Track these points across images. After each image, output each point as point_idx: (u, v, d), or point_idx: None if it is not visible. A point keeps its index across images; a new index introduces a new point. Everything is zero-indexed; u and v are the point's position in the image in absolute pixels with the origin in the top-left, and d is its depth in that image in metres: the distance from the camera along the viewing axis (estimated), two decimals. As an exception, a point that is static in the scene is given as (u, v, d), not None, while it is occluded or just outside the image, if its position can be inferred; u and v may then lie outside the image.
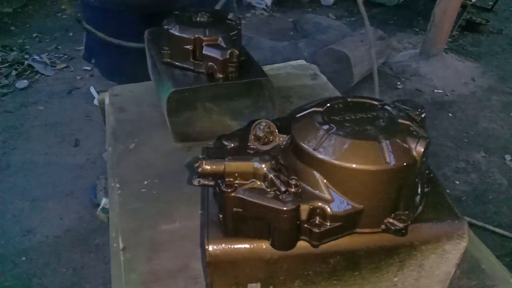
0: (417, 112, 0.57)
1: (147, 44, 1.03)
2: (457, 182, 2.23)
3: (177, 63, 0.90)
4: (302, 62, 1.30)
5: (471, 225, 1.53)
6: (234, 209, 0.49)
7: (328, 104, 0.56)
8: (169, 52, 0.90)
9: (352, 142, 0.48)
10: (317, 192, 0.49)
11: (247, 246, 0.51)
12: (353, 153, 0.48)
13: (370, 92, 2.95)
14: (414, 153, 0.49)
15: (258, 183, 0.49)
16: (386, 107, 0.56)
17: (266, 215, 0.48)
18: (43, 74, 2.99)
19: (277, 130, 0.55)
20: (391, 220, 0.50)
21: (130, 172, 0.85)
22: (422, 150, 0.48)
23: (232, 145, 0.54)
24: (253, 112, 0.90)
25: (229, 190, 0.48)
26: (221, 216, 0.51)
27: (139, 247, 0.70)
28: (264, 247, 0.51)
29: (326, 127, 0.51)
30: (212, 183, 0.51)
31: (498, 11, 4.53)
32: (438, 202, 0.56)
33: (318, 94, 1.12)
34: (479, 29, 4.02)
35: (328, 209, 0.48)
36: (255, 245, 0.51)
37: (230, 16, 0.94)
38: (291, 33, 3.79)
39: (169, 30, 0.87)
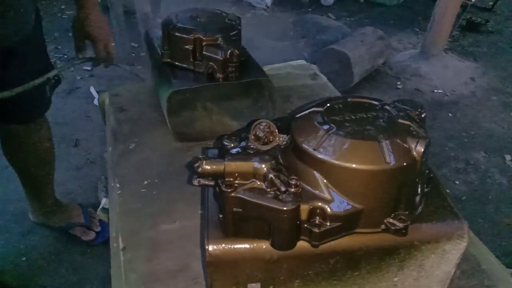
0: (417, 112, 0.57)
1: (147, 44, 1.03)
2: (457, 182, 2.23)
3: (177, 63, 0.90)
4: (302, 62, 1.30)
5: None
6: (234, 209, 0.49)
7: (328, 104, 0.56)
8: (169, 52, 0.90)
9: (352, 142, 0.49)
10: (317, 192, 0.50)
11: (247, 246, 0.51)
12: (353, 153, 0.48)
13: (370, 92, 2.95)
14: (414, 153, 0.49)
15: (258, 183, 0.50)
16: (386, 107, 0.56)
17: (266, 215, 0.48)
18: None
19: (277, 130, 0.55)
20: (391, 220, 0.51)
21: (130, 172, 0.85)
22: (422, 150, 0.49)
23: (232, 145, 0.54)
24: (253, 112, 0.90)
25: (229, 190, 0.48)
26: (221, 216, 0.51)
27: (139, 247, 0.70)
28: (264, 247, 0.51)
29: (326, 127, 0.51)
30: (212, 183, 0.51)
31: (498, 11, 4.53)
32: (438, 202, 0.56)
33: (318, 94, 1.12)
34: (479, 29, 4.02)
35: (328, 209, 0.48)
36: (255, 245, 0.51)
37: (230, 16, 0.94)
38: (291, 33, 3.78)
39: (169, 30, 0.88)
